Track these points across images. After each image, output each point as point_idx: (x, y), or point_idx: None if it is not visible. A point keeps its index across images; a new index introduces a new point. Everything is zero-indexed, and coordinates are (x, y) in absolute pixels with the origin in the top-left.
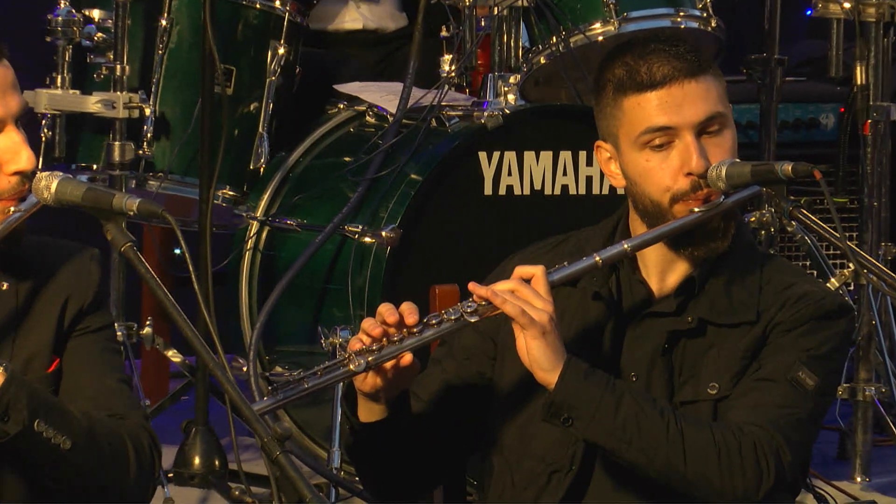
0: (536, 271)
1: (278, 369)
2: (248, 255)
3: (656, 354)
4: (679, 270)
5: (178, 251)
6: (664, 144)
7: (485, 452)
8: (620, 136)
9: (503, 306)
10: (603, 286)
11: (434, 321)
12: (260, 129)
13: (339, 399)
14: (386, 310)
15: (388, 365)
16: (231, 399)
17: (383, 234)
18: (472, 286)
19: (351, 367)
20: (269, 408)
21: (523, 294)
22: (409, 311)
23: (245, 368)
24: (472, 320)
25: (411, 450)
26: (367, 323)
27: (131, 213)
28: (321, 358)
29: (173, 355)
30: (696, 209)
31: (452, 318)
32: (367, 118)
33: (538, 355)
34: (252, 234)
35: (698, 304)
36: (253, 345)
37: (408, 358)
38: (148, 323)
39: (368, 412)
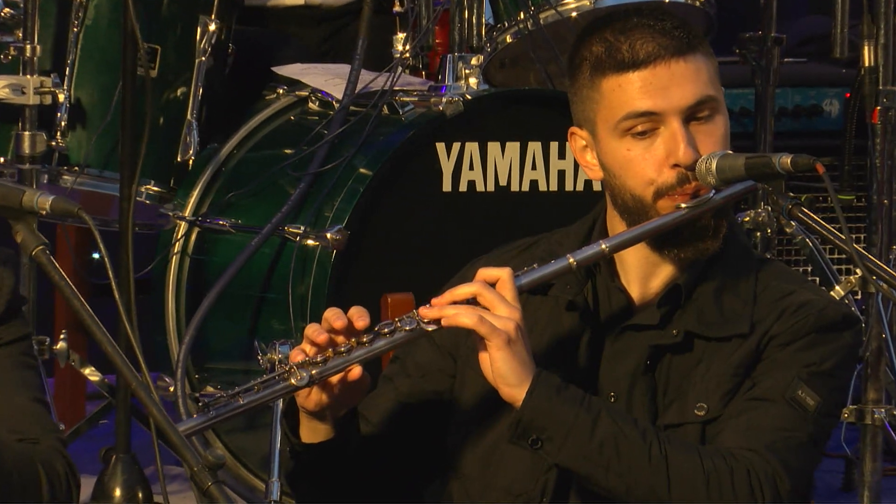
0: (502, 274)
1: (210, 389)
2: (175, 260)
3: (637, 372)
4: (663, 276)
5: (96, 255)
6: (647, 132)
7: (444, 482)
8: (598, 122)
9: (456, 321)
10: (578, 294)
11: (386, 330)
12: (188, 117)
13: (278, 419)
14: (332, 315)
15: (335, 379)
16: (156, 423)
17: (328, 235)
18: (423, 310)
19: (292, 381)
20: (198, 427)
21: (487, 299)
22: (359, 315)
23: (172, 388)
24: (430, 329)
25: (360, 477)
26: (311, 329)
27: (43, 212)
28: (258, 376)
29: (91, 373)
30: (683, 205)
31: (407, 327)
32: (310, 105)
33: (503, 368)
34: (180, 236)
35: (685, 314)
36: (181, 361)
37: (356, 371)
38: (62, 337)
39: (311, 432)
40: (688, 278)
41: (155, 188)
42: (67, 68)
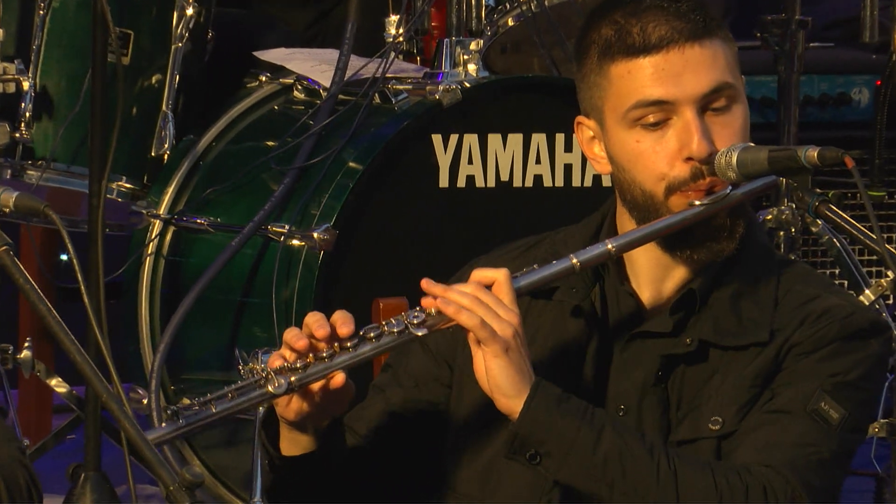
0: (499, 275)
1: (186, 402)
2: (149, 262)
3: (648, 383)
4: (676, 279)
5: (64, 257)
6: (659, 122)
7: (439, 500)
8: (606, 111)
9: (457, 316)
10: (584, 299)
11: (372, 334)
12: (164, 107)
13: (257, 428)
14: (314, 320)
15: (316, 387)
16: (129, 438)
17: (315, 235)
18: (424, 283)
19: (269, 388)
20: (169, 436)
21: (483, 302)
22: (343, 321)
23: (146, 401)
24: (419, 333)
25: (345, 494)
26: (290, 334)
27: (7, 210)
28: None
29: (58, 385)
30: (697, 202)
31: (395, 330)
32: (296, 93)
33: (500, 377)
34: (154, 236)
35: (699, 321)
36: (155, 372)
37: (339, 378)
38: (26, 345)
39: (292, 444)
40: (703, 282)
41: (127, 184)
42: (32, 54)
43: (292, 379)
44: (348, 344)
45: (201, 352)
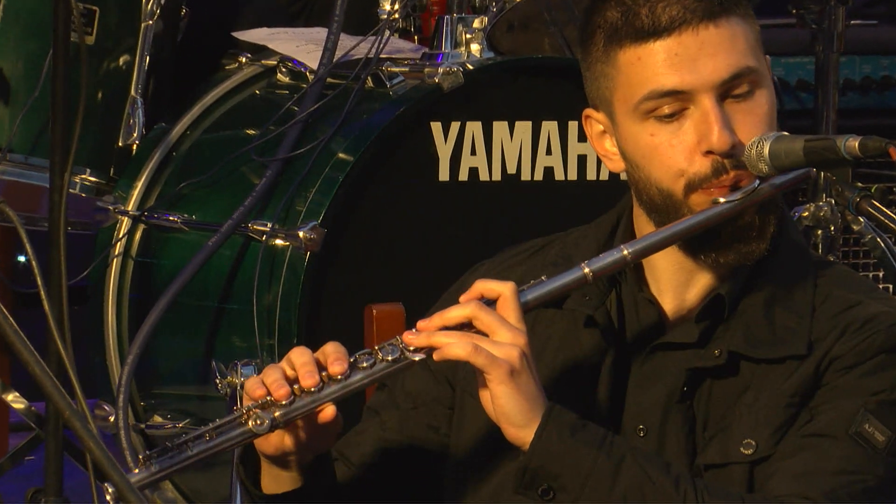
0: (504, 289)
1: (158, 419)
2: (116, 264)
3: (672, 401)
4: (701, 285)
5: (21, 258)
6: (675, 113)
7: None
8: (616, 103)
9: (448, 354)
10: (598, 308)
11: (365, 363)
12: (132, 92)
13: (234, 464)
14: (302, 363)
15: (302, 422)
16: (94, 460)
17: (301, 234)
18: (408, 337)
19: (251, 425)
20: (142, 483)
21: (484, 323)
22: (335, 358)
23: (112, 418)
24: (417, 359)
25: None
26: (272, 378)
27: None
28: (216, 404)
29: (14, 400)
30: (722, 199)
31: (389, 356)
32: (279, 76)
33: (507, 405)
34: (122, 235)
35: (728, 331)
36: (123, 386)
37: (328, 413)
38: None
39: (274, 480)
40: (731, 287)
41: (92, 178)
42: None
43: (276, 415)
44: (338, 374)
45: (174, 364)
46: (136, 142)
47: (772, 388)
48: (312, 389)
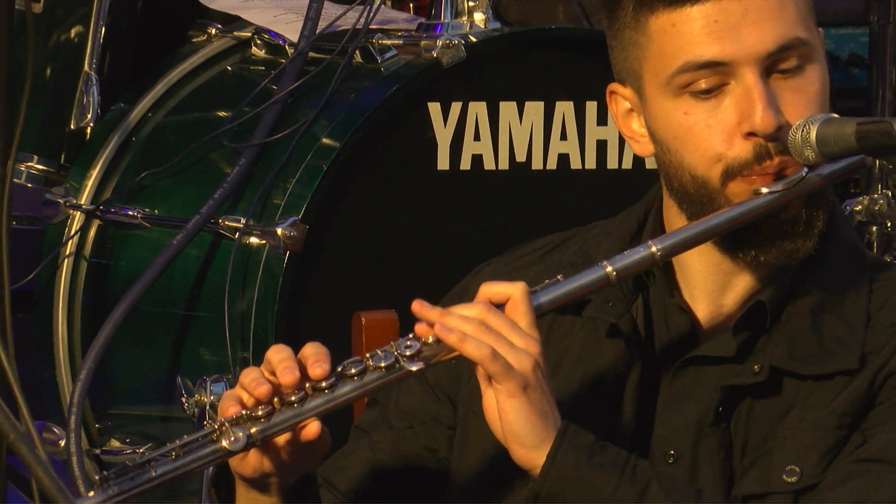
0: (514, 291)
1: (115, 444)
2: (67, 265)
3: (705, 422)
4: (740, 289)
5: None
6: (713, 89)
7: None
8: (646, 77)
9: (461, 346)
10: (623, 315)
11: (354, 370)
12: (86, 68)
13: (206, 488)
14: (280, 360)
15: (282, 439)
16: (41, 489)
17: (279, 231)
18: (416, 307)
19: (224, 443)
20: None
21: (493, 326)
22: (316, 359)
23: (63, 442)
24: (414, 368)
25: None
26: (249, 378)
27: None
28: (182, 426)
29: None
30: (764, 189)
31: (382, 364)
32: (254, 50)
33: (517, 422)
34: (74, 232)
35: (770, 343)
36: (76, 405)
37: (313, 429)
38: None
39: None
40: (774, 293)
41: (40, 166)
42: None
43: (253, 431)
44: (323, 384)
45: (134, 380)
46: (91, 125)
47: (819, 407)
48: (293, 400)
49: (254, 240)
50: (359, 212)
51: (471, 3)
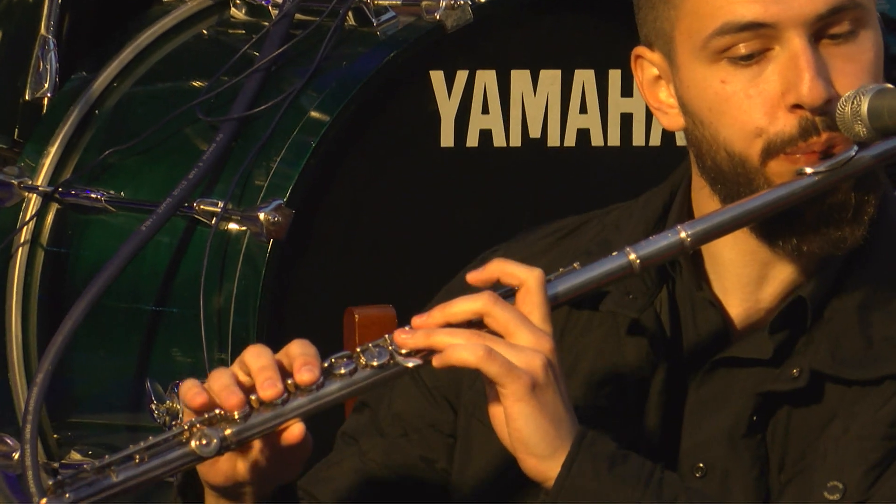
0: (529, 277)
1: (76, 456)
2: (21, 255)
3: (738, 433)
4: (778, 283)
5: None
6: (755, 54)
7: None
8: (677, 39)
9: (451, 356)
10: (645, 310)
11: (343, 369)
12: (42, 31)
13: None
14: (259, 367)
15: (260, 443)
16: None
17: (261, 216)
18: (414, 324)
19: (193, 445)
20: None
21: (499, 321)
22: (304, 360)
23: (17, 455)
24: (410, 365)
25: None
26: (220, 383)
27: None
28: (152, 435)
29: None
30: (809, 169)
31: (375, 361)
32: (233, 11)
33: (526, 429)
34: (29, 218)
35: (812, 344)
36: (32, 413)
37: (295, 432)
38: None
39: None
40: (816, 288)
41: None
42: None
43: (227, 433)
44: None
45: (97, 385)
46: (48, 95)
47: (866, 416)
48: (274, 401)
49: (233, 226)
50: (352, 195)
51: None
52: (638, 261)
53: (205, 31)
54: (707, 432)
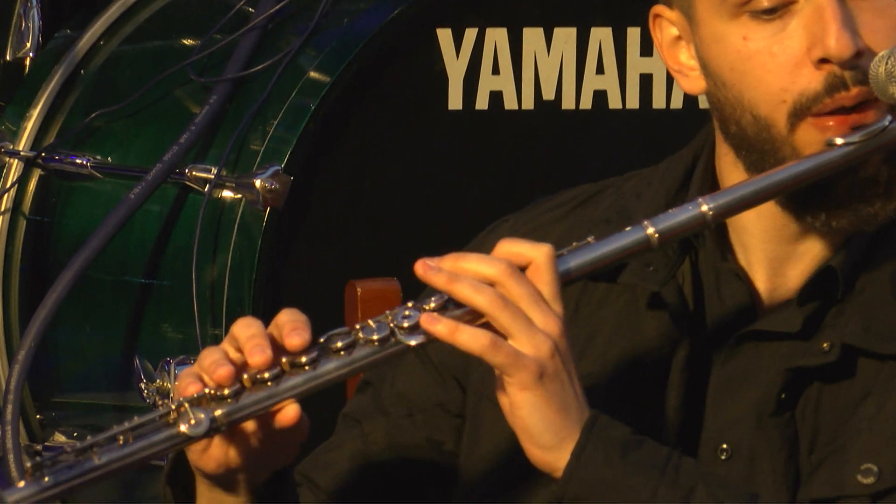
0: (537, 254)
1: (60, 438)
2: (2, 224)
3: (766, 412)
4: (807, 256)
5: None
6: (778, 8)
7: None
8: None
9: (453, 339)
10: (667, 283)
11: (340, 343)
12: None
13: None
14: (248, 336)
15: (253, 425)
16: None
17: (257, 183)
18: (420, 269)
19: (183, 427)
20: (31, 500)
21: (513, 294)
22: (293, 327)
23: None
24: (413, 343)
25: None
26: (210, 359)
27: None
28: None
29: None
30: (840, 140)
31: (375, 337)
32: None
33: (530, 419)
34: (10, 185)
35: (843, 317)
36: (12, 393)
37: (290, 413)
38: None
39: None
40: (846, 258)
41: None
42: None
43: (217, 414)
44: (303, 359)
45: (83, 363)
46: (30, 55)
47: None
48: (267, 377)
49: (227, 194)
50: (353, 160)
51: None
52: (657, 235)
53: None
54: (732, 411)
